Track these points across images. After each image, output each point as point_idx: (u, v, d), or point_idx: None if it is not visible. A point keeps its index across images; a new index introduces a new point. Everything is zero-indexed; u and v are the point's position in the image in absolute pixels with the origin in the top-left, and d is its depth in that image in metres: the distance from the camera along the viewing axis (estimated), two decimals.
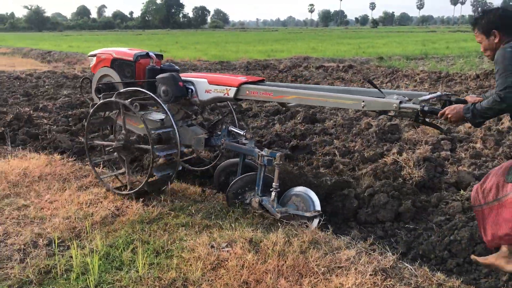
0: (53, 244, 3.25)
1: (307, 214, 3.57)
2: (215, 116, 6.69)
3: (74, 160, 5.40)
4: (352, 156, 5.26)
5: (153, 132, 3.96)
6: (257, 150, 3.85)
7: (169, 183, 4.19)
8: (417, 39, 35.81)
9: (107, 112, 4.50)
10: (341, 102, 3.46)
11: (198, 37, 49.06)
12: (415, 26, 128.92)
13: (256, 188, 3.79)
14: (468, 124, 6.59)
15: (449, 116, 2.87)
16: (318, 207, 3.59)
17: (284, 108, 7.33)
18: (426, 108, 3.02)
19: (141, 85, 4.34)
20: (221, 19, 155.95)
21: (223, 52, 24.93)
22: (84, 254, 3.08)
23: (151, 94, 4.03)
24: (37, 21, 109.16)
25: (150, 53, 4.56)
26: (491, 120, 6.65)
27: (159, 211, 3.81)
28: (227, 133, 4.20)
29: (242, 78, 4.01)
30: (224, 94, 3.99)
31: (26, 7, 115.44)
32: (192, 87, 4.18)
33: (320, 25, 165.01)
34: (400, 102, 3.11)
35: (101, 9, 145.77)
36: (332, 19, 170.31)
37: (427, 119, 3.25)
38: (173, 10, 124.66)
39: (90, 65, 4.88)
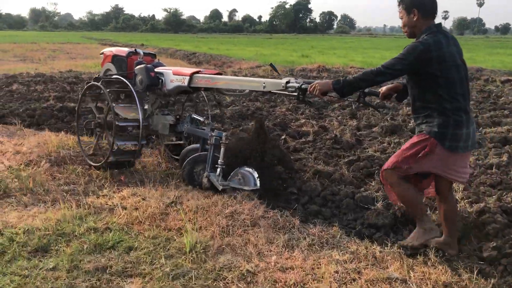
0: None
1: (246, 188, 3.98)
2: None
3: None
4: None
5: (117, 123, 4.36)
6: (210, 132, 4.23)
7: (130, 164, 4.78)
8: None
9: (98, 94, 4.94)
10: (249, 85, 4.10)
11: (329, 42, 47.50)
12: None
13: (207, 165, 4.17)
14: None
15: (317, 87, 3.22)
16: (258, 184, 4.04)
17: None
18: (303, 86, 3.43)
19: (129, 77, 4.83)
20: (348, 24, 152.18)
21: (367, 58, 23.07)
22: None
23: (127, 82, 4.57)
24: (174, 23, 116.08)
25: (138, 50, 5.25)
26: None
27: None
28: (190, 120, 4.75)
29: (196, 69, 4.52)
30: (182, 83, 4.46)
31: (165, 10, 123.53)
32: (162, 77, 4.62)
33: (454, 33, 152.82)
34: (287, 82, 3.60)
35: (232, 13, 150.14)
36: (468, 27, 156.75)
37: (306, 99, 3.58)
38: (300, 15, 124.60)
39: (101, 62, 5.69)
